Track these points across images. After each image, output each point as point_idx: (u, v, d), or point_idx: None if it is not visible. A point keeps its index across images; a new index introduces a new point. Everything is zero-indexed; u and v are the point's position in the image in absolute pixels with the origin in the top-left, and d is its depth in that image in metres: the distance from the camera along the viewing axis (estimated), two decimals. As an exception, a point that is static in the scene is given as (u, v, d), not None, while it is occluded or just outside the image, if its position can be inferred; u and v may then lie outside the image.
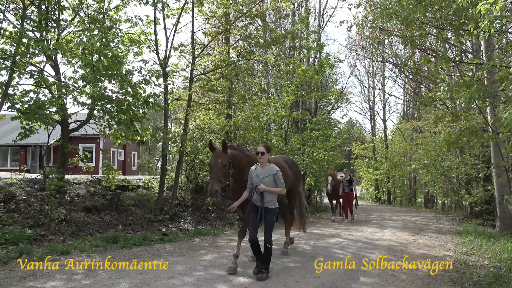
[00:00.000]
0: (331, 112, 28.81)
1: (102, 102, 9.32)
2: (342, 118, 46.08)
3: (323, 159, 16.80)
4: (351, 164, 33.83)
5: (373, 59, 28.73)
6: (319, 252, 7.49)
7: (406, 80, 28.65)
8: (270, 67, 16.17)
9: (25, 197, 8.75)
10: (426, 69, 17.63)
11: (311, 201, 18.91)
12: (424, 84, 22.66)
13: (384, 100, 35.09)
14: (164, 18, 11.28)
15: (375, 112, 36.54)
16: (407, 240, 9.44)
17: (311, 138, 16.81)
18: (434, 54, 15.59)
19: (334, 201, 14.94)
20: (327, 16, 25.81)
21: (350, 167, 35.74)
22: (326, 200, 24.66)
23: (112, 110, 9.53)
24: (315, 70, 15.77)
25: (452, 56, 14.71)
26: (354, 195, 13.96)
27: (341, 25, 13.62)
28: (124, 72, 9.69)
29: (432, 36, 13.74)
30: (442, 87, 15.14)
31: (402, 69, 23.54)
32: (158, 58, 11.22)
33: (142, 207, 10.35)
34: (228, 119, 13.74)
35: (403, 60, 21.77)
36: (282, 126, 19.43)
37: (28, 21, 9.15)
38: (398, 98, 41.32)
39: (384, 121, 35.58)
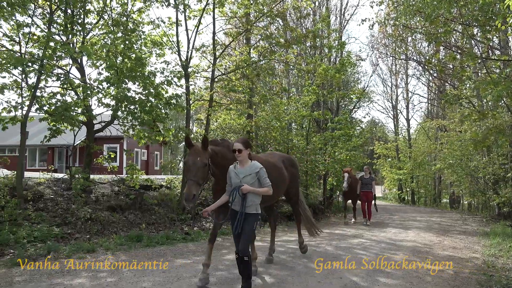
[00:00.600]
0: (353, 111, 28.48)
1: (126, 103, 9.50)
2: (364, 117, 45.67)
3: (345, 159, 16.64)
4: (374, 164, 33.38)
5: (396, 57, 28.23)
6: (341, 253, 7.42)
7: (430, 78, 28.07)
8: (291, 66, 16.13)
9: (52, 196, 9.01)
10: (451, 66, 17.21)
11: (332, 201, 18.77)
12: (449, 82, 22.14)
13: (407, 99, 34.45)
14: (185, 20, 11.41)
15: (398, 111, 35.92)
16: (432, 242, 9.24)
17: (332, 137, 16.67)
18: (459, 51, 15.22)
19: (351, 202, 14.16)
20: (348, 14, 25.64)
21: (372, 167, 35.31)
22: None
23: (136, 111, 9.70)
24: (337, 69, 15.63)
25: (479, 53, 14.31)
26: (373, 195, 13.11)
27: (363, 23, 13.45)
28: (147, 74, 9.84)
29: (457, 33, 13.43)
30: (468, 85, 14.78)
31: (426, 67, 23.08)
32: (180, 59, 11.35)
33: (165, 206, 10.49)
34: (249, 119, 13.78)
35: (427, 57, 21.34)
36: (303, 126, 19.33)
37: (54, 25, 9.40)
38: (422, 96, 40.62)
39: (408, 120, 34.94)
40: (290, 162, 6.83)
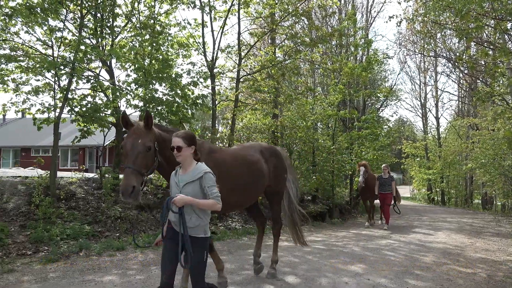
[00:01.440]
0: (380, 110, 28.01)
1: (153, 104, 9.67)
2: (391, 116, 44.75)
3: (372, 159, 16.38)
4: (402, 164, 32.70)
5: (425, 54, 27.55)
6: (369, 254, 7.31)
7: (461, 75, 27.22)
8: (317, 65, 16.00)
9: (83, 195, 9.27)
10: (483, 63, 16.66)
11: (359, 201, 18.53)
12: (480, 78, 21.41)
13: (436, 97, 33.57)
14: (211, 21, 11.52)
15: (427, 109, 35.06)
16: (463, 243, 8.98)
17: (359, 137, 16.45)
18: (491, 46, 14.70)
19: (368, 202, 13.04)
20: (375, 11, 25.19)
21: (401, 167, 34.58)
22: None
23: (163, 111, 9.86)
24: (363, 67, 15.40)
25: (513, 48, 13.78)
26: (392, 197, 11.77)
27: (390, 20, 13.20)
28: (173, 75, 9.99)
29: (490, 28, 12.97)
30: (501, 82, 14.25)
31: (456, 63, 22.40)
32: (206, 60, 11.46)
33: (191, 205, 10.59)
34: (274, 119, 13.77)
35: (458, 54, 20.73)
36: (329, 125, 19.17)
37: (85, 29, 9.68)
38: (452, 94, 39.49)
39: (437, 118, 34.04)
40: (271, 152, 5.51)
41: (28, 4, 8.37)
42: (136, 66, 9.50)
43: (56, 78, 9.04)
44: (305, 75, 20.78)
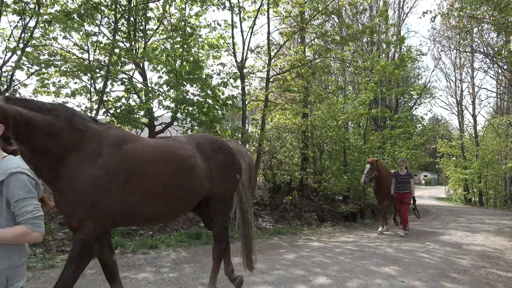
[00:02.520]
0: (414, 109, 27.33)
1: (185, 105, 9.84)
2: (425, 114, 43.55)
3: (405, 158, 16.00)
4: (437, 163, 31.75)
5: (461, 50, 26.63)
6: (403, 256, 7.14)
7: (500, 71, 26.12)
8: (347, 64, 15.79)
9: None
10: (524, 57, 15.94)
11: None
12: (521, 74, 20.51)
13: (473, 94, 32.34)
14: (240, 21, 11.59)
15: (463, 107, 33.86)
16: (503, 246, 8.61)
17: (391, 136, 16.11)
18: (533, 40, 14.05)
19: (383, 204, 11.38)
20: (407, 7, 24.63)
21: (435, 166, 33.57)
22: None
23: (194, 112, 10.01)
24: (396, 65, 15.08)
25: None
26: (411, 197, 10.08)
27: (424, 16, 12.77)
28: (204, 76, 10.12)
29: (531, 21, 12.37)
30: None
31: (494, 59, 21.52)
32: (236, 61, 11.54)
33: (222, 205, 10.70)
34: (304, 119, 13.70)
35: (496, 49, 19.90)
36: (360, 125, 18.88)
37: (119, 33, 9.96)
38: (490, 91, 37.83)
39: (474, 116, 32.79)
40: (216, 147, 4.10)
41: (65, 11, 8.71)
42: (168, 68, 9.70)
43: (92, 81, 9.37)
44: (336, 74, 20.56)
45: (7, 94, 8.54)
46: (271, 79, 12.25)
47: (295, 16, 12.81)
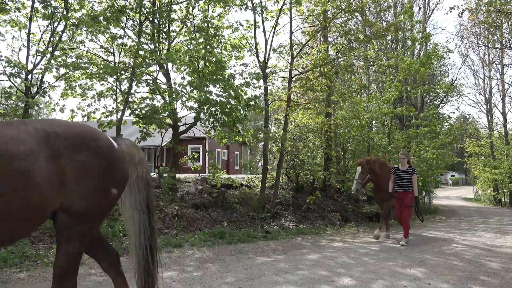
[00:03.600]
0: (440, 107, 26.69)
1: (208, 105, 9.93)
2: (453, 112, 42.45)
3: (431, 158, 15.65)
4: (464, 163, 30.89)
5: (490, 46, 25.83)
6: (429, 257, 6.99)
7: (531, 67, 25.22)
8: (371, 62, 15.58)
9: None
10: (557, 53, 15.33)
11: (418, 202, 17.79)
12: (554, 70, 19.74)
13: (503, 91, 31.29)
14: (263, 21, 11.59)
15: (492, 105, 32.82)
16: (536, 249, 8.31)
17: (417, 135, 15.78)
18: None
19: (381, 205, 10.26)
20: (433, 3, 23.93)
21: (463, 166, 32.68)
22: (435, 202, 22.95)
23: (217, 112, 10.09)
24: (421, 63, 14.76)
25: None
26: (413, 197, 8.44)
27: (450, 12, 12.51)
28: (227, 76, 10.19)
29: None
30: None
31: (526, 55, 20.78)
32: (258, 61, 11.55)
33: (245, 205, 10.76)
34: (327, 118, 13.59)
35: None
36: (384, 124, 18.58)
37: (143, 35, 10.15)
38: (522, 88, 36.50)
39: (504, 114, 31.71)
40: (75, 142, 2.71)
41: (92, 14, 8.94)
42: (191, 69, 9.81)
43: (117, 83, 9.58)
44: (359, 73, 20.32)
45: (37, 96, 8.83)
46: (293, 79, 12.20)
47: (317, 15, 12.71)
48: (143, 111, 9.68)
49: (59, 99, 10.46)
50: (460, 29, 36.01)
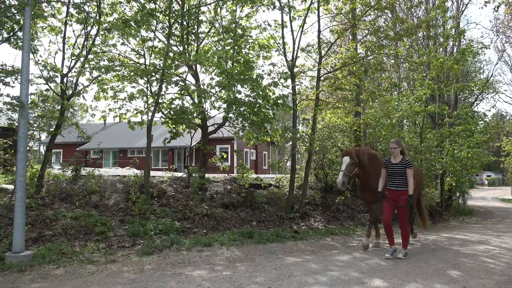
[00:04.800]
0: (475, 105, 25.74)
1: (236, 105, 9.99)
2: (488, 110, 40.79)
3: (466, 157, 15.14)
4: (501, 162, 29.72)
5: (528, 40, 24.71)
6: (464, 260, 6.76)
7: None
8: (402, 60, 15.22)
9: (173, 193, 9.88)
10: None
11: (451, 203, 17.28)
12: None
13: (543, 88, 29.89)
14: (290, 21, 11.54)
15: (532, 102, 31.39)
16: None
17: (450, 134, 15.29)
18: None
19: (368, 206, 8.58)
20: (467, -2, 23.09)
21: (500, 166, 31.42)
22: (470, 202, 22.15)
23: (245, 112, 10.13)
24: (455, 60, 14.29)
25: None
26: (408, 198, 6.60)
27: (485, 6, 11.99)
28: (255, 76, 10.21)
29: None
30: None
31: None
32: (286, 60, 11.52)
33: (274, 204, 10.75)
34: (357, 117, 13.39)
35: None
36: (416, 123, 18.11)
37: (172, 37, 10.31)
38: None
39: (544, 112, 30.31)
40: None
41: (123, 18, 9.17)
42: (220, 69, 9.89)
43: (148, 85, 9.79)
44: (389, 71, 19.90)
45: (72, 99, 9.14)
46: (322, 78, 12.09)
47: (346, 13, 12.54)
48: (172, 112, 9.84)
49: (92, 101, 10.80)
50: (496, 23, 34.66)
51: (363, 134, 13.93)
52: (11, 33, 8.06)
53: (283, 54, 11.57)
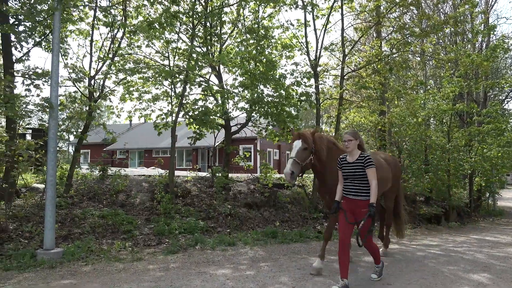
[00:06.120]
0: (505, 102, 24.90)
1: (259, 105, 10.00)
2: (520, 108, 39.30)
3: (496, 157, 14.66)
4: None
5: (562, 35, 23.71)
6: (495, 263, 6.55)
7: None
8: (428, 57, 14.89)
9: (197, 193, 9.98)
10: None
11: (481, 204, 16.76)
12: None
13: None
14: (313, 20, 11.48)
15: None
16: None
17: (479, 132, 14.84)
18: None
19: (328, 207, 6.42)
20: (497, -8, 22.40)
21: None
22: (500, 203, 21.43)
23: (269, 111, 10.13)
24: (486, 56, 13.86)
25: None
26: (368, 206, 4.71)
27: (516, 0, 11.60)
28: (277, 76, 10.20)
29: None
30: None
31: None
32: (309, 59, 11.46)
33: (297, 204, 10.71)
34: (381, 116, 13.18)
35: None
36: (443, 121, 17.66)
37: (196, 38, 10.42)
38: None
39: None
40: None
41: (148, 20, 9.33)
42: (242, 70, 9.93)
43: (172, 86, 9.92)
44: (415, 68, 19.50)
45: (99, 100, 9.37)
46: (345, 77, 11.97)
47: (370, 10, 12.37)
48: (196, 112, 9.95)
49: (118, 103, 11.04)
50: (527, 18, 33.41)
51: (388, 134, 13.71)
52: (42, 37, 8.34)
53: (306, 53, 11.52)
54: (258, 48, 10.32)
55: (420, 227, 11.47)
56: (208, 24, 10.66)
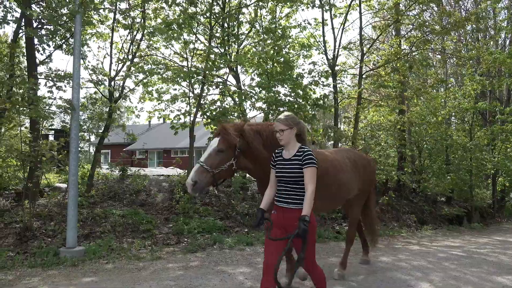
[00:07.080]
0: (530, 100, 24.20)
1: (276, 105, 9.99)
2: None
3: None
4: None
5: None
6: (519, 265, 6.39)
7: None
8: (449, 55, 14.60)
9: (215, 193, 10.03)
10: None
11: (505, 204, 16.35)
12: None
13: None
14: (331, 19, 11.42)
15: None
16: None
17: (503, 131, 14.48)
18: None
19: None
20: (521, -13, 21.75)
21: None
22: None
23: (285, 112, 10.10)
24: (509, 54, 13.50)
25: None
26: (300, 222, 3.05)
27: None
28: (295, 76, 10.16)
29: None
30: None
31: None
32: (327, 59, 11.39)
33: (315, 205, 10.63)
34: (401, 115, 12.99)
35: None
36: (465, 120, 17.30)
37: (213, 39, 10.48)
38: None
39: None
40: None
41: (167, 21, 9.43)
42: (260, 70, 9.93)
43: (190, 86, 10.01)
44: (436, 66, 19.16)
45: (119, 101, 9.52)
46: (364, 76, 11.85)
47: (389, 8, 12.21)
48: (214, 113, 10.00)
49: (137, 103, 11.22)
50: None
51: (408, 133, 13.50)
52: (64, 40, 8.53)
53: (323, 53, 11.46)
54: (276, 48, 10.31)
55: (441, 228, 11.27)
56: (225, 24, 10.70)
